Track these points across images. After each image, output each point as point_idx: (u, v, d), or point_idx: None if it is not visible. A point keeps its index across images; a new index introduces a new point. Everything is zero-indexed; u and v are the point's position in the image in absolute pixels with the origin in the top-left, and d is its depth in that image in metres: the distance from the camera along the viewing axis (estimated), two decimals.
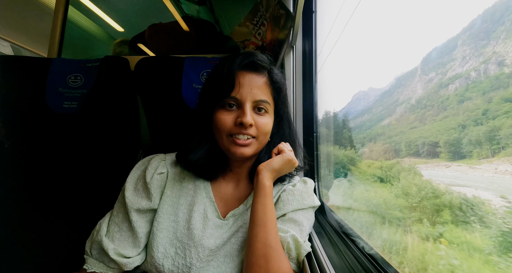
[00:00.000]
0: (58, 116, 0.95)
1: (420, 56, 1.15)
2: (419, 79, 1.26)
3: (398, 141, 1.23)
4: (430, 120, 1.08)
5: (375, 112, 1.57)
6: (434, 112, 1.07)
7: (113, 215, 0.60)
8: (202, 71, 0.98)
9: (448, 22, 0.88)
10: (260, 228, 0.52)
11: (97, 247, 0.56)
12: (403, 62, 1.23)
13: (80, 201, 0.87)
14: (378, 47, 1.20)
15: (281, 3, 0.93)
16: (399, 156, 1.17)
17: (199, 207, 0.61)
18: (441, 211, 0.79)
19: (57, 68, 0.98)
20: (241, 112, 0.59)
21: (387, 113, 1.46)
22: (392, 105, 1.44)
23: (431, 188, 0.87)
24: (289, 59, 1.03)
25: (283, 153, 0.61)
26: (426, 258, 0.69)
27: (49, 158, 0.93)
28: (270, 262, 0.49)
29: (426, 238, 0.74)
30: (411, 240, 0.77)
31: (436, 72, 1.13)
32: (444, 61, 1.08)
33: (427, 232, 0.76)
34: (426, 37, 0.97)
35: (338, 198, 1.14)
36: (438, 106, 1.07)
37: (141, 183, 0.62)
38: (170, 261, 0.55)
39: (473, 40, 0.88)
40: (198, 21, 1.53)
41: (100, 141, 0.96)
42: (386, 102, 1.51)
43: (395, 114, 1.37)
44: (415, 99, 1.27)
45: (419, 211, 0.85)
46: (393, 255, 0.75)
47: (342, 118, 1.50)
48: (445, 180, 0.90)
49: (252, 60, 0.61)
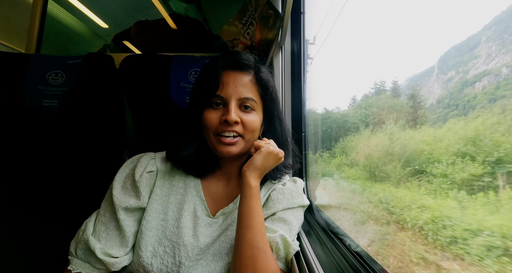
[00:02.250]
0: (38, 115, 0.90)
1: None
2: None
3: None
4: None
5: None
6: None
7: (100, 214, 0.59)
8: (190, 70, 0.96)
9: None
10: (246, 229, 0.52)
11: (83, 247, 0.55)
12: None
13: (63, 203, 0.84)
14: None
15: (270, 3, 0.94)
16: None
17: (189, 206, 0.61)
18: None
19: (36, 64, 0.94)
20: (226, 110, 0.59)
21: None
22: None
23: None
24: (277, 59, 1.04)
25: (260, 148, 0.60)
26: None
27: (29, 158, 0.89)
28: (257, 264, 0.49)
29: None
30: None
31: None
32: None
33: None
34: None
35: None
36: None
37: (130, 181, 0.61)
38: (159, 260, 0.54)
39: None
40: (186, 19, 1.51)
41: (84, 141, 0.92)
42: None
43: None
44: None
45: None
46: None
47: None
48: None
49: (235, 58, 0.61)
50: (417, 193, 1.23)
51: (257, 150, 0.61)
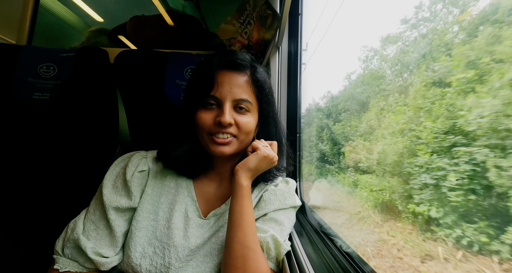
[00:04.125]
0: (28, 108, 0.88)
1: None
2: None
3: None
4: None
5: None
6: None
7: (89, 213, 0.57)
8: (187, 68, 0.95)
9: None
10: (237, 229, 0.52)
11: (71, 245, 0.53)
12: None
13: (51, 199, 0.82)
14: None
15: (268, 3, 0.94)
16: None
17: (180, 206, 0.60)
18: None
19: (27, 56, 0.91)
20: (220, 111, 0.58)
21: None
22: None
23: None
24: (274, 59, 1.04)
25: (257, 150, 0.60)
26: None
27: (17, 153, 0.87)
28: (247, 263, 0.49)
29: None
30: None
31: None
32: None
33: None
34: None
35: None
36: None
37: (121, 181, 0.59)
38: (148, 261, 0.54)
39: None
40: (184, 16, 1.49)
41: (75, 136, 0.90)
42: None
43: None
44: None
45: None
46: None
47: None
48: None
49: (231, 58, 0.60)
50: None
51: (254, 150, 0.61)
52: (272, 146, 0.64)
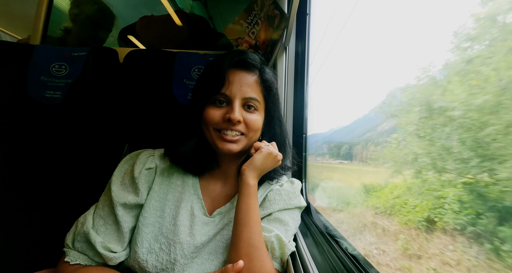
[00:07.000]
0: (40, 106, 0.90)
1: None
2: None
3: None
4: None
5: None
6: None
7: (98, 208, 0.59)
8: (194, 67, 0.96)
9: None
10: (243, 227, 0.53)
11: (82, 239, 0.55)
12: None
13: (61, 195, 0.84)
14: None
15: (276, 3, 0.93)
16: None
17: (187, 204, 0.61)
18: None
19: (40, 55, 0.94)
20: (230, 108, 0.59)
21: None
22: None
23: None
24: (281, 60, 1.04)
25: (260, 149, 0.61)
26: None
27: (29, 149, 0.89)
28: (252, 261, 0.50)
29: None
30: None
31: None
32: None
33: None
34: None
35: None
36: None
37: (129, 178, 0.61)
38: (154, 257, 0.55)
39: None
40: (192, 16, 1.51)
41: (85, 133, 0.92)
42: None
43: None
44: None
45: None
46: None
47: None
48: None
49: (242, 58, 0.62)
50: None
51: (257, 150, 0.62)
52: (272, 145, 0.65)
